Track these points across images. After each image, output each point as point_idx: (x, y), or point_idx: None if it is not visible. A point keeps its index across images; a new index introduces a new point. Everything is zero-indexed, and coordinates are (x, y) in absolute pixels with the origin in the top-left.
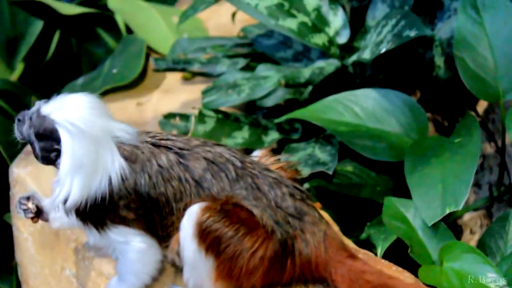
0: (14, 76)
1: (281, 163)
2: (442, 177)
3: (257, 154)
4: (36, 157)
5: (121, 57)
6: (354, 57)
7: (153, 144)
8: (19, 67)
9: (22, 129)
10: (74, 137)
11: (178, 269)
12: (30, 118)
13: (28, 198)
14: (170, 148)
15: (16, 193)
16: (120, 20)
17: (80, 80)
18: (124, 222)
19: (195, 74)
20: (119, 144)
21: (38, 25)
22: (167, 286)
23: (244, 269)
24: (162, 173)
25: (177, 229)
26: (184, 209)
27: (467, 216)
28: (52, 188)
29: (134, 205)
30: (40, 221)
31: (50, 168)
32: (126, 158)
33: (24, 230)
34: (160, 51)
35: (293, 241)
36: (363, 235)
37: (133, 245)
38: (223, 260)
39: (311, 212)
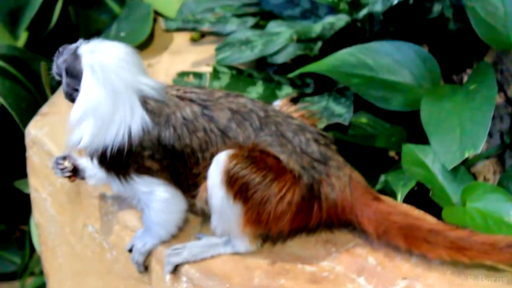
0: (19, 45)
1: (301, 111)
2: (459, 122)
3: (277, 104)
4: (64, 91)
5: (127, 21)
6: (365, 11)
7: (178, 97)
8: (23, 36)
9: (58, 61)
10: (94, 82)
11: (204, 219)
12: (67, 54)
13: (64, 158)
14: (194, 100)
15: (33, 154)
16: None
17: None
18: (148, 172)
19: (204, 34)
20: (145, 98)
21: None
22: (194, 235)
23: (272, 215)
24: (187, 125)
25: (204, 178)
26: (211, 158)
27: (480, 164)
28: None
29: (158, 156)
30: (60, 180)
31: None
32: (150, 112)
33: (42, 191)
34: (166, 15)
35: (319, 185)
36: (378, 186)
37: (157, 195)
38: (251, 206)
39: (335, 156)
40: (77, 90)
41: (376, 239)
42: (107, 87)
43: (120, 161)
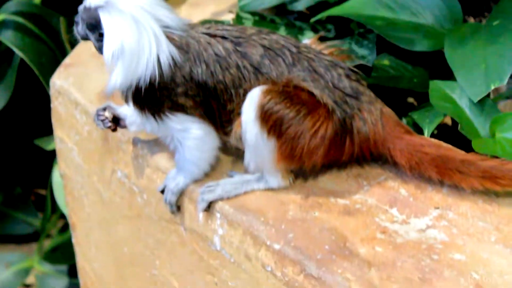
0: (36, 1)
1: (331, 49)
2: (484, 57)
3: (306, 42)
4: (96, 49)
5: None
6: None
7: (208, 34)
8: None
9: (78, 29)
10: (113, 17)
11: (236, 157)
12: (81, 15)
13: (104, 109)
14: (226, 37)
15: (59, 104)
16: None
17: None
18: (182, 109)
19: None
20: (169, 34)
21: None
22: (225, 174)
23: (306, 149)
24: (220, 61)
25: (238, 114)
26: (244, 95)
27: (501, 103)
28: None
29: (192, 93)
30: (87, 128)
31: (93, 76)
32: (177, 47)
33: (69, 141)
34: None
35: (351, 120)
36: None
37: (191, 132)
38: (285, 141)
39: (366, 91)
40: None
41: (408, 171)
42: (128, 19)
43: (154, 96)
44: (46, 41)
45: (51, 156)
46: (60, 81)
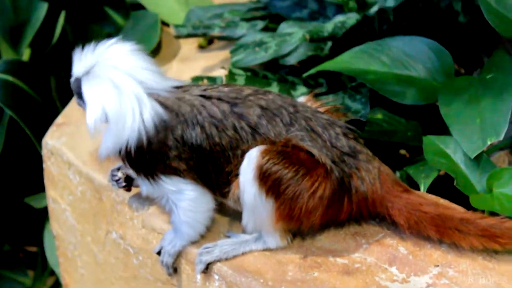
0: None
1: (326, 106)
2: (479, 111)
3: (301, 100)
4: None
5: (134, 31)
6: (375, 8)
7: (203, 96)
8: (26, 52)
9: (77, 101)
10: (92, 85)
11: (232, 218)
12: (72, 85)
13: (118, 169)
14: (222, 99)
15: (51, 165)
16: None
17: None
18: (176, 172)
19: (212, 41)
20: (155, 96)
21: (42, 9)
22: (222, 235)
23: (304, 209)
24: (216, 123)
25: (236, 175)
26: (242, 155)
27: (494, 155)
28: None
29: (185, 156)
30: (80, 188)
31: (85, 136)
32: (166, 108)
33: (62, 201)
34: (171, 23)
35: (349, 179)
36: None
37: (186, 193)
38: (283, 201)
39: (364, 150)
40: None
41: (407, 230)
42: (105, 85)
43: (146, 159)
44: (37, 99)
45: (41, 213)
46: (53, 141)
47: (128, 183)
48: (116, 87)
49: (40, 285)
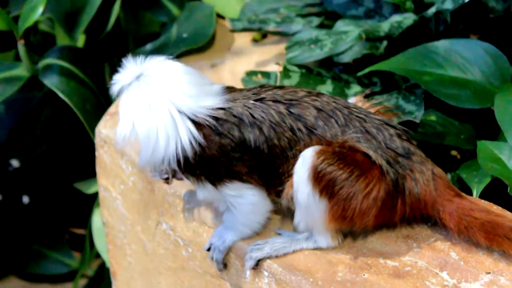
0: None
1: (378, 107)
2: None
3: (352, 101)
4: None
5: (188, 22)
6: (433, 9)
7: (260, 100)
8: (81, 38)
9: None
10: (128, 98)
11: (284, 216)
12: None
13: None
14: (279, 101)
15: (104, 153)
16: None
17: (148, 46)
18: (238, 176)
19: (266, 35)
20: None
21: None
22: (273, 232)
23: (358, 210)
24: (273, 126)
25: (290, 175)
26: (296, 156)
27: None
28: None
29: (246, 157)
30: (132, 178)
31: None
32: (215, 119)
33: (113, 190)
34: (226, 16)
35: (403, 180)
36: None
37: (247, 197)
38: (336, 202)
39: (417, 151)
40: None
41: (456, 235)
42: (142, 101)
43: (206, 165)
44: (91, 87)
45: (90, 199)
46: (106, 130)
47: (172, 175)
48: (152, 107)
49: (86, 268)
